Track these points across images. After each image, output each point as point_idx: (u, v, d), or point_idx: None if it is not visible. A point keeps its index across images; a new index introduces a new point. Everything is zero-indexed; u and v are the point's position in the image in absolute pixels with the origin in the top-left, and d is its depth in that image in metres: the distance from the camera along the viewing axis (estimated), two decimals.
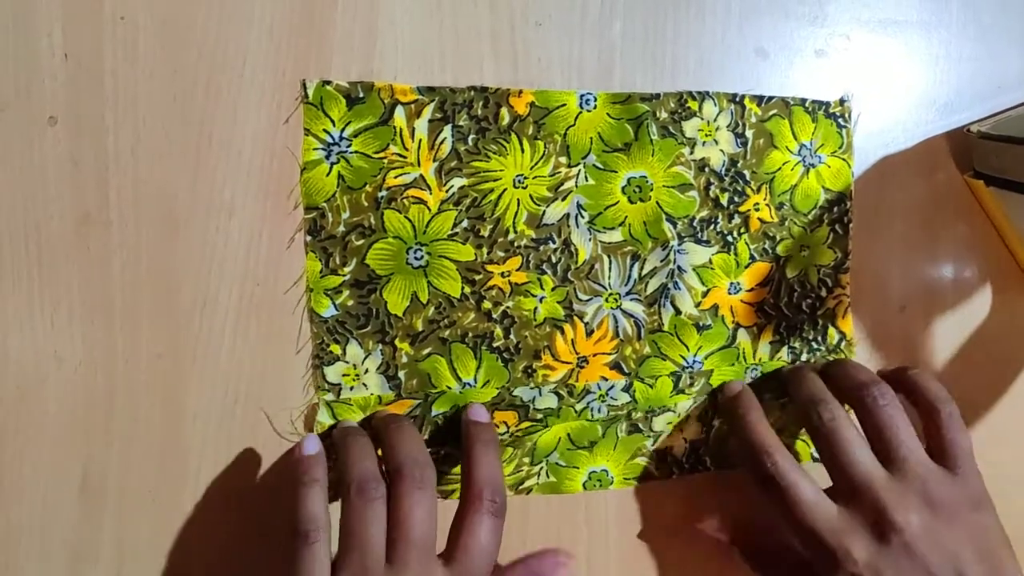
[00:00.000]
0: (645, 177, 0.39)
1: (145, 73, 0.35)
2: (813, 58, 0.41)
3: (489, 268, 0.38)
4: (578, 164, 0.39)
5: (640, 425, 0.40)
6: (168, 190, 0.35)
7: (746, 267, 0.41)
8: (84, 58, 0.34)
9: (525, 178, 0.38)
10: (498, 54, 0.38)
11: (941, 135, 0.43)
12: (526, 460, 0.39)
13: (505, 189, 0.38)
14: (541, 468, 0.40)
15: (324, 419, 0.37)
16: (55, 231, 0.35)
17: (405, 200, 0.37)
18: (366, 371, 0.37)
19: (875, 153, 0.42)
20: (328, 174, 0.36)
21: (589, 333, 0.39)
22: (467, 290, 0.38)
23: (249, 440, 0.37)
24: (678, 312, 0.40)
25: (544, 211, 0.38)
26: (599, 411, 0.39)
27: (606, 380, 0.39)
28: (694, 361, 0.40)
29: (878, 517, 0.34)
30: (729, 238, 0.40)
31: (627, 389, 0.39)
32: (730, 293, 0.41)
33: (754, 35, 0.40)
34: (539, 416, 0.38)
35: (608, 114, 0.39)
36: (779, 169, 0.41)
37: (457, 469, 0.38)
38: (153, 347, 0.36)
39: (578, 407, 0.39)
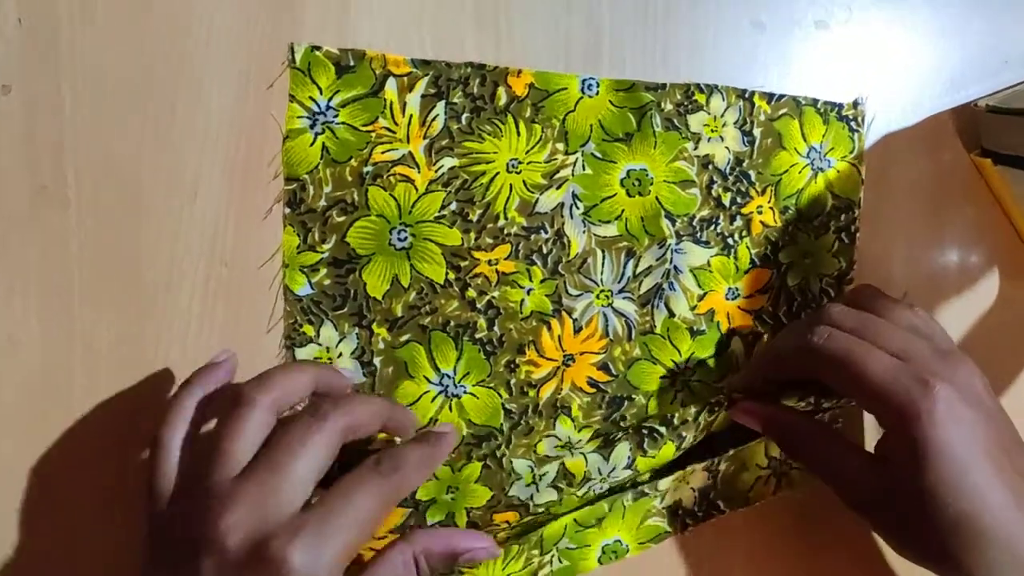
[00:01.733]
0: (646, 170, 0.37)
1: (104, 40, 0.33)
2: (813, 30, 0.39)
3: (476, 255, 0.36)
4: (576, 152, 0.37)
5: (645, 488, 0.38)
6: (130, 165, 0.33)
7: (746, 272, 0.39)
8: (39, 23, 0.32)
9: (519, 163, 0.36)
10: (481, 28, 0.36)
11: (946, 111, 0.41)
12: (535, 552, 0.36)
13: (498, 173, 0.36)
14: (552, 556, 0.37)
15: None
16: (9, 208, 0.33)
17: (391, 177, 0.35)
18: (340, 355, 0.35)
19: (876, 131, 0.40)
20: (312, 144, 0.35)
21: (577, 330, 0.37)
22: (451, 276, 0.36)
23: None
24: (672, 314, 0.38)
25: (537, 199, 0.36)
26: (601, 489, 0.37)
27: (605, 460, 0.36)
28: (685, 367, 0.38)
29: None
30: (730, 240, 0.38)
31: (629, 467, 0.36)
32: (727, 298, 0.39)
33: (750, 6, 0.38)
34: (540, 509, 0.36)
35: (611, 101, 0.37)
36: (786, 171, 0.39)
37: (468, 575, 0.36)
38: (114, 331, 0.34)
39: (579, 494, 0.36)
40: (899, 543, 0.33)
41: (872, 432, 0.40)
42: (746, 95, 0.38)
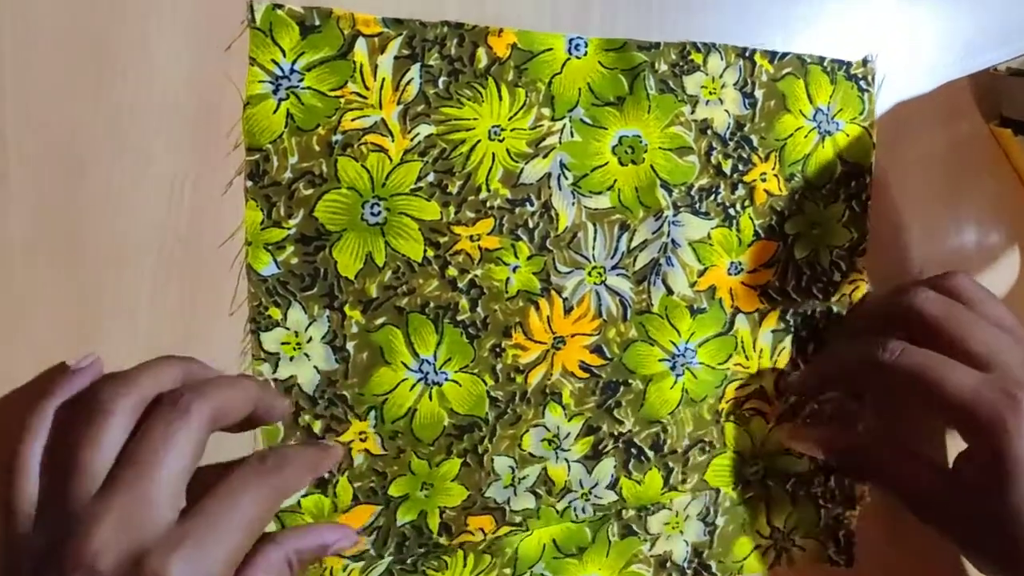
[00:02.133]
0: (639, 137, 0.35)
1: None
2: None
3: (456, 230, 0.33)
4: (563, 118, 0.34)
5: (634, 526, 0.35)
6: (73, 133, 0.30)
7: (749, 245, 0.36)
8: None
9: (502, 130, 0.33)
10: None
11: (963, 78, 0.38)
12: (507, 571, 0.34)
13: (479, 141, 0.33)
14: None
15: None
16: None
17: (363, 147, 0.32)
18: (309, 340, 0.32)
19: (888, 100, 0.37)
20: (275, 112, 0.32)
21: (568, 310, 0.34)
22: (430, 253, 0.33)
23: None
24: (670, 292, 0.35)
25: (522, 169, 0.34)
26: (583, 511, 0.35)
27: (588, 473, 0.34)
28: (686, 348, 0.35)
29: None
30: (731, 211, 0.36)
31: (612, 486, 0.34)
32: (730, 273, 0.36)
33: None
34: (518, 519, 0.34)
35: (600, 63, 0.34)
36: (791, 136, 0.36)
37: None
38: (57, 314, 0.31)
39: (559, 507, 0.34)
40: (980, 559, 0.32)
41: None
42: (747, 54, 0.36)
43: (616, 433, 0.35)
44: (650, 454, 0.35)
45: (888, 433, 0.37)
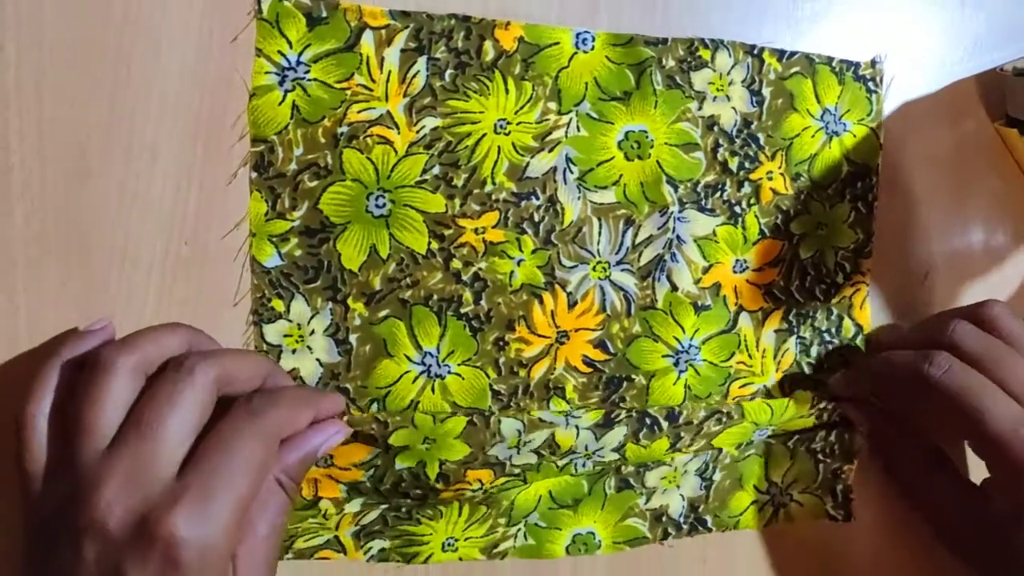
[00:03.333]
0: (645, 132, 0.34)
1: None
2: None
3: (461, 223, 0.33)
4: (570, 112, 0.34)
5: (631, 480, 0.35)
6: (80, 130, 0.30)
7: (754, 243, 0.36)
8: None
9: (508, 123, 0.33)
10: None
11: (970, 78, 0.38)
12: (502, 521, 0.34)
13: (484, 134, 0.33)
14: (519, 530, 0.34)
15: None
16: None
17: (368, 139, 0.32)
18: (312, 332, 0.32)
19: (895, 99, 0.37)
20: (281, 103, 0.32)
21: (572, 305, 0.34)
22: (434, 246, 0.33)
23: None
24: (674, 288, 0.35)
25: (528, 162, 0.34)
26: (583, 466, 0.34)
27: (596, 439, 0.34)
28: (689, 345, 0.35)
29: None
30: (737, 208, 0.35)
31: (618, 450, 0.34)
32: (735, 271, 0.36)
33: None
34: (516, 471, 0.33)
35: (607, 57, 0.34)
36: (798, 135, 0.36)
37: (424, 529, 0.33)
38: (63, 312, 0.31)
39: (560, 463, 0.33)
40: None
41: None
42: (755, 51, 0.35)
43: (627, 407, 0.35)
44: (664, 424, 0.34)
45: (921, 443, 0.36)
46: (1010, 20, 0.39)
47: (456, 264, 0.33)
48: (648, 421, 0.34)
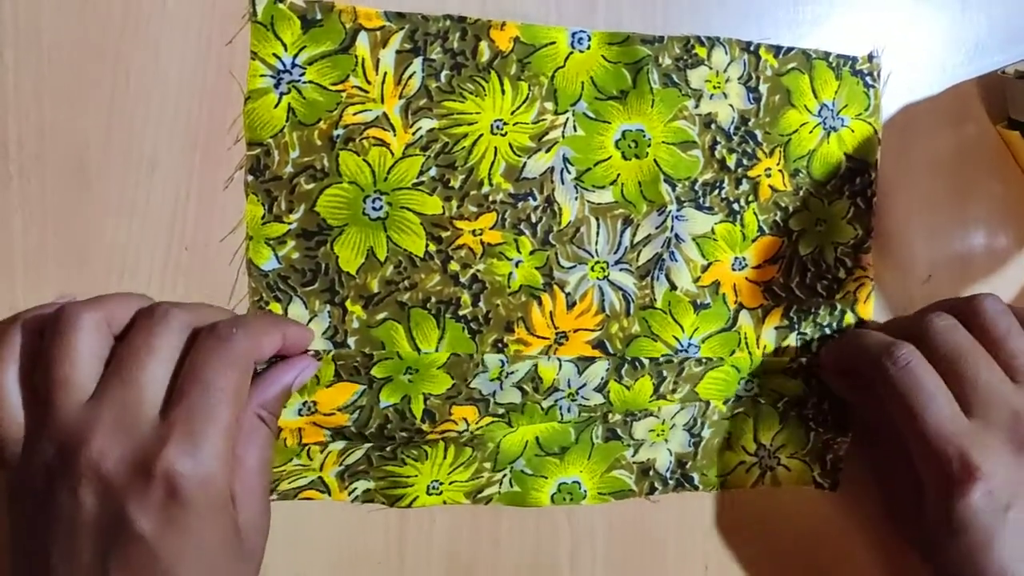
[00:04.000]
0: (642, 131, 0.34)
1: (50, 1, 0.30)
2: None
3: (458, 224, 0.33)
4: (566, 111, 0.34)
5: (619, 430, 0.35)
6: (78, 138, 0.30)
7: (753, 240, 0.36)
8: None
9: (505, 124, 0.33)
10: None
11: (971, 80, 0.38)
12: (487, 465, 0.34)
13: (481, 135, 0.33)
14: (504, 476, 0.34)
15: None
16: None
17: (364, 141, 0.32)
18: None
19: (895, 102, 0.37)
20: (276, 106, 0.32)
21: (571, 305, 0.34)
22: (432, 248, 0.33)
23: None
24: (673, 287, 0.35)
25: (525, 163, 0.33)
26: (569, 411, 0.34)
27: (578, 373, 0.34)
28: (689, 344, 0.35)
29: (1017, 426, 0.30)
30: (735, 206, 0.35)
31: (600, 389, 0.34)
32: (734, 269, 0.36)
33: None
34: (500, 411, 0.33)
35: (603, 56, 0.34)
36: (796, 131, 0.36)
37: (409, 471, 0.33)
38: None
39: (544, 404, 0.33)
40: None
41: None
42: (751, 48, 0.35)
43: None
44: (645, 362, 0.34)
45: (877, 436, 0.36)
46: (1011, 23, 0.38)
47: (454, 266, 0.33)
48: (629, 359, 0.34)
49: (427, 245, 0.33)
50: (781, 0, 0.36)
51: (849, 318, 0.37)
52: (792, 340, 0.36)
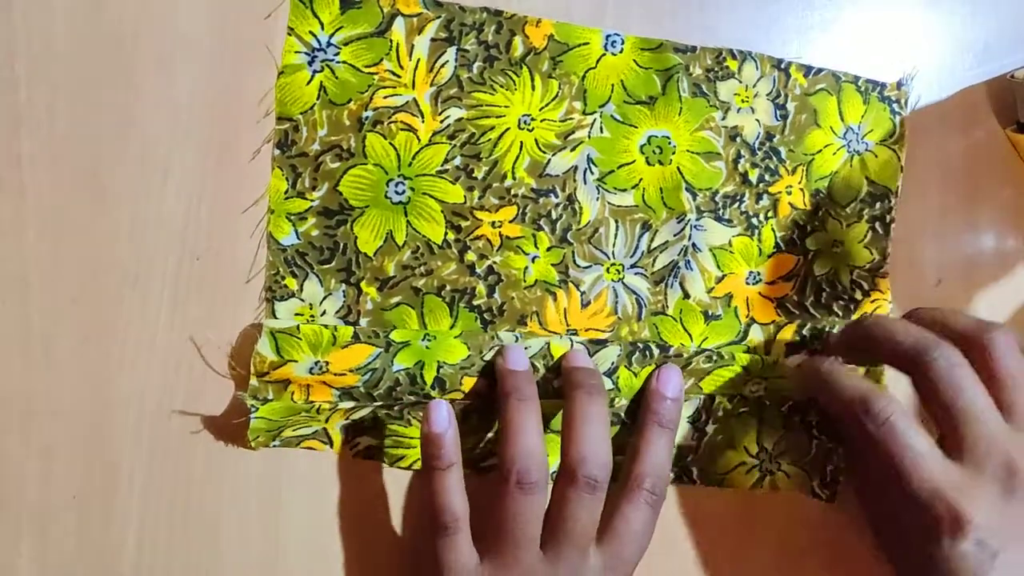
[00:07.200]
0: (668, 138, 0.34)
1: (62, 13, 0.30)
2: None
3: (479, 215, 0.33)
4: (594, 112, 0.34)
5: (623, 416, 0.35)
6: (91, 150, 0.31)
7: (769, 256, 0.36)
8: None
9: (532, 119, 0.33)
10: None
11: (980, 84, 0.38)
12: (490, 435, 0.34)
13: (508, 128, 0.33)
14: None
15: (265, 352, 0.31)
16: None
17: (392, 125, 0.32)
18: (323, 313, 0.32)
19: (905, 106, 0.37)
20: (308, 83, 0.32)
21: (584, 304, 0.34)
22: (451, 236, 0.33)
23: (189, 446, 0.32)
24: (686, 295, 0.35)
25: (549, 160, 0.34)
26: None
27: (590, 356, 0.34)
28: (696, 353, 0.35)
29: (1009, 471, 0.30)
30: (754, 220, 0.35)
31: (610, 374, 0.34)
32: (748, 283, 0.36)
33: None
34: None
35: (635, 61, 0.34)
36: (820, 151, 0.36)
37: (414, 431, 0.33)
38: (77, 330, 0.31)
39: (556, 384, 0.33)
40: None
41: None
42: (782, 65, 0.35)
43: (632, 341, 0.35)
44: (655, 351, 0.34)
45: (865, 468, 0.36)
46: (1020, 26, 0.38)
47: (471, 256, 0.33)
48: (641, 346, 0.34)
49: (446, 233, 0.33)
50: (790, 5, 0.36)
51: None
52: (801, 358, 0.36)
